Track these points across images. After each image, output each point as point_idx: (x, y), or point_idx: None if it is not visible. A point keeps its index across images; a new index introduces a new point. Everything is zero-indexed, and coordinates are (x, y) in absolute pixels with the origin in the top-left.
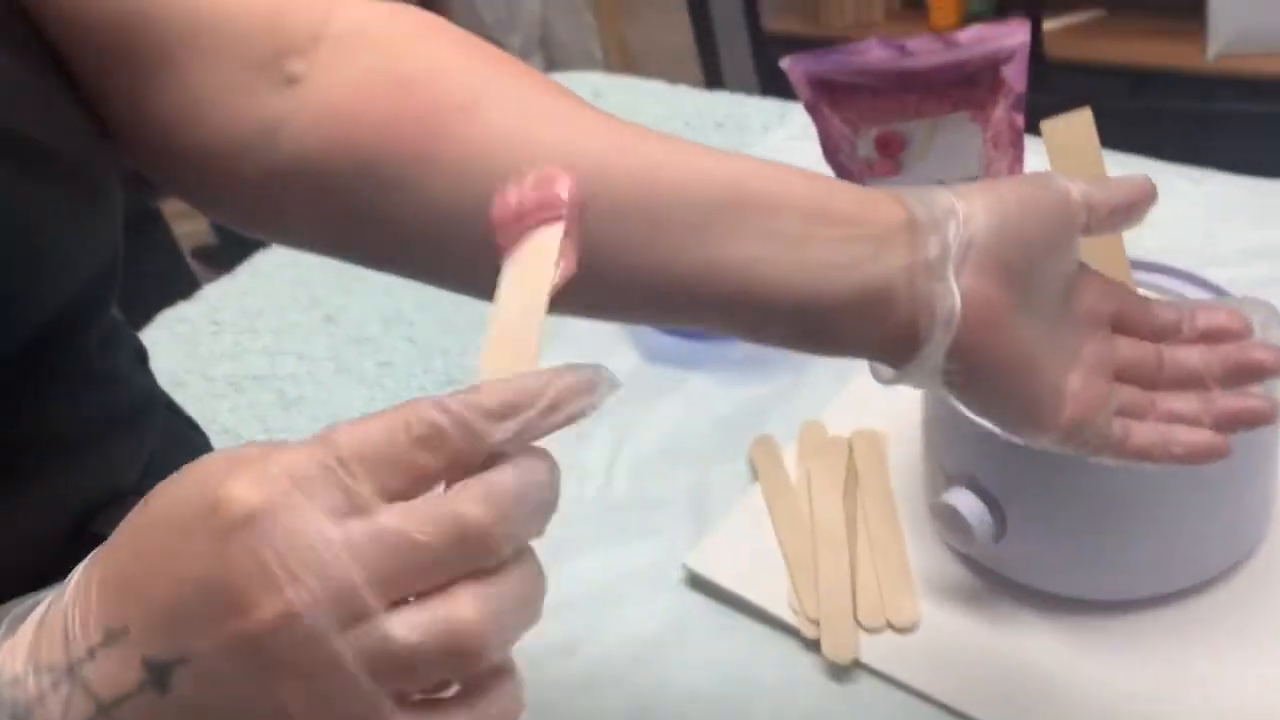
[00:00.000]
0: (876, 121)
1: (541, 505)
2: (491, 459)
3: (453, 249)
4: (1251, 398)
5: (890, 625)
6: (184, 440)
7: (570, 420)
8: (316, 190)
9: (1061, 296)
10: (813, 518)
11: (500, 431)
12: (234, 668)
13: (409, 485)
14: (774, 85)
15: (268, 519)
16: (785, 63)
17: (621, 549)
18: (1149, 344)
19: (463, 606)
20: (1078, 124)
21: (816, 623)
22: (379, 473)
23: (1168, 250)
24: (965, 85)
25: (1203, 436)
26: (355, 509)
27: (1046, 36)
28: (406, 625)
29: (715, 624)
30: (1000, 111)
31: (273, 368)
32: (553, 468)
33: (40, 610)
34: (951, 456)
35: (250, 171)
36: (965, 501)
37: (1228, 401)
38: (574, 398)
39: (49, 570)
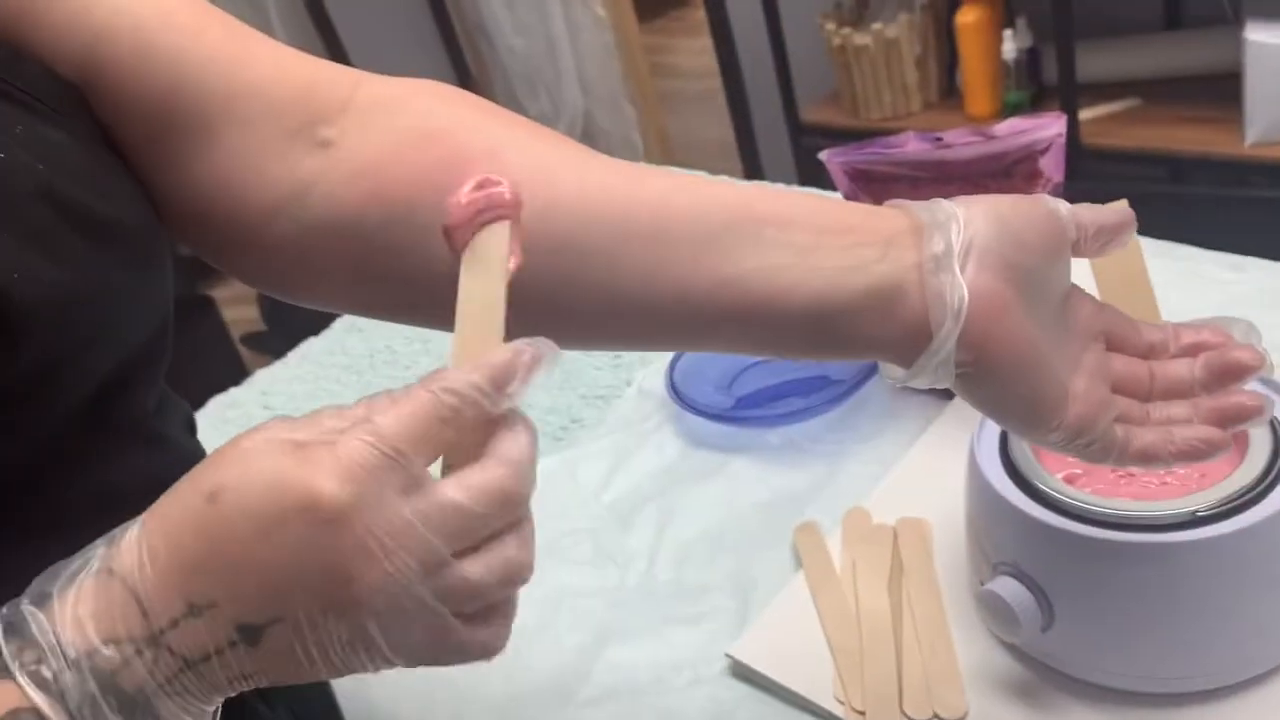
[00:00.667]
0: None
1: (535, 459)
2: (488, 424)
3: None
4: (1239, 393)
5: (937, 717)
6: None
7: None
8: (349, 244)
9: (1059, 307)
10: (858, 607)
11: (503, 402)
12: (333, 619)
13: (434, 455)
14: (812, 176)
15: (363, 510)
16: (824, 155)
17: (664, 637)
18: (1139, 362)
19: (511, 549)
20: (1128, 255)
21: (863, 714)
22: (421, 451)
23: None
24: (1002, 176)
25: (1201, 432)
26: (415, 486)
27: (1083, 125)
28: (479, 568)
29: (759, 714)
30: None
31: None
32: (530, 424)
33: (89, 586)
34: (996, 544)
35: (284, 231)
36: (1011, 590)
37: (1216, 401)
38: (538, 367)
39: None
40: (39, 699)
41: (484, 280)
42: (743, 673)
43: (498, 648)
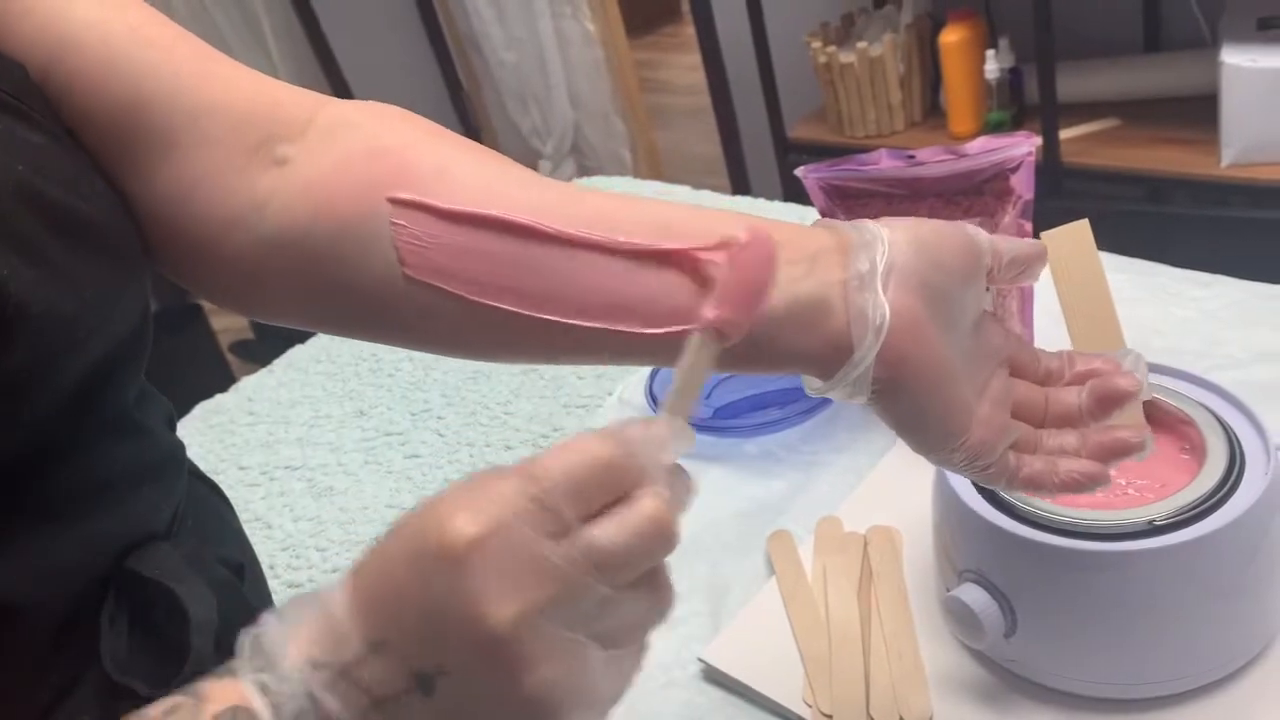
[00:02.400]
0: None
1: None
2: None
3: (434, 304)
4: (1122, 430)
5: None
6: (207, 501)
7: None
8: (301, 257)
9: (971, 331)
10: (828, 613)
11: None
12: (485, 671)
13: (593, 504)
14: (796, 192)
15: (489, 547)
16: (800, 171)
17: None
18: (1037, 388)
19: (651, 592)
20: (1076, 234)
21: (830, 717)
22: (576, 497)
23: (1176, 352)
24: (974, 193)
25: (1083, 465)
26: (561, 530)
27: (1063, 144)
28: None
29: (730, 717)
30: (1009, 218)
31: (304, 458)
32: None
33: (314, 613)
34: (961, 552)
35: (240, 244)
36: (975, 597)
37: (1101, 436)
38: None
39: (86, 604)
40: (259, 703)
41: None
42: (715, 677)
43: (635, 675)
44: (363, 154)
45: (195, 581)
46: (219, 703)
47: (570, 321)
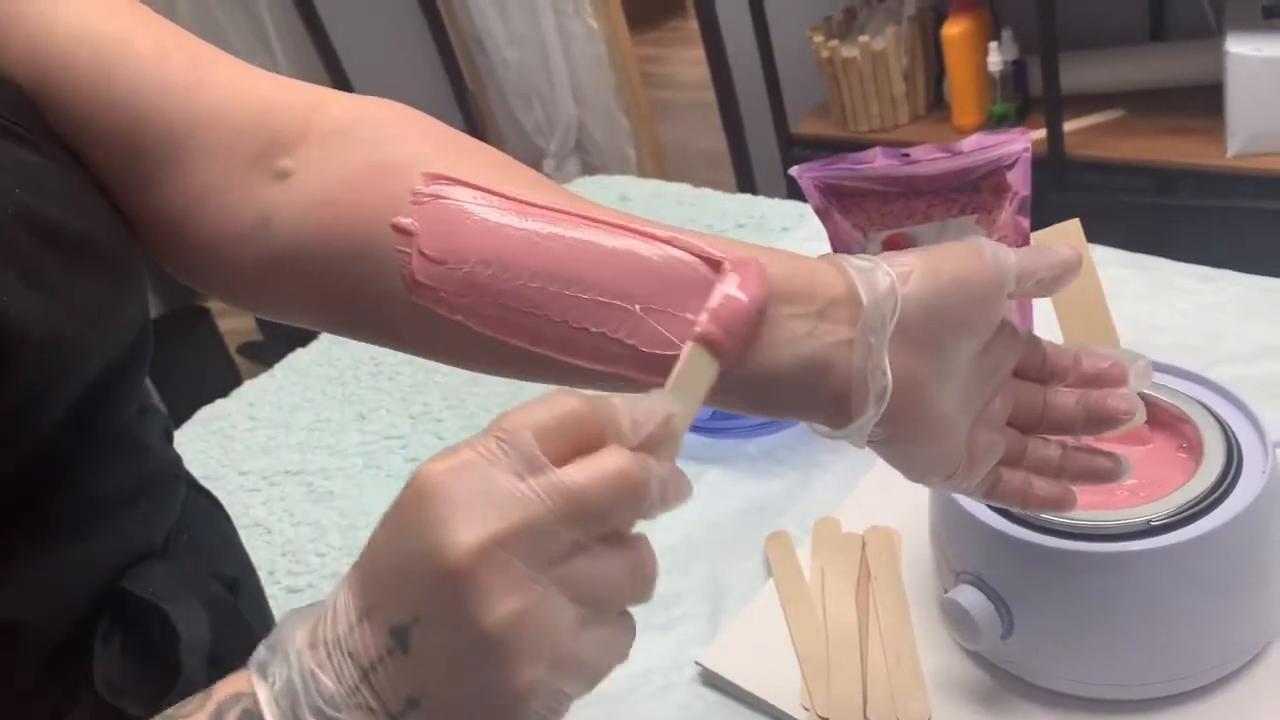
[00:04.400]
0: (885, 225)
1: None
2: None
3: (441, 326)
4: (1101, 457)
5: None
6: (207, 514)
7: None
8: (312, 274)
9: (982, 351)
10: (825, 615)
11: (636, 436)
12: (447, 607)
13: (563, 452)
14: (799, 187)
15: (452, 481)
16: (795, 171)
17: (637, 644)
18: (1038, 390)
19: (628, 556)
20: (1068, 233)
21: None
22: (547, 441)
23: (1178, 347)
24: (971, 190)
25: (1053, 490)
26: (533, 469)
27: (1067, 136)
28: (597, 563)
29: None
30: (1005, 215)
31: (304, 463)
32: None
33: (328, 601)
34: (958, 554)
35: (250, 258)
36: (972, 599)
37: (1081, 460)
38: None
39: (82, 622)
40: (259, 686)
41: (696, 364)
42: (712, 680)
43: (617, 654)
44: (367, 170)
45: (188, 600)
46: (224, 692)
47: (581, 327)
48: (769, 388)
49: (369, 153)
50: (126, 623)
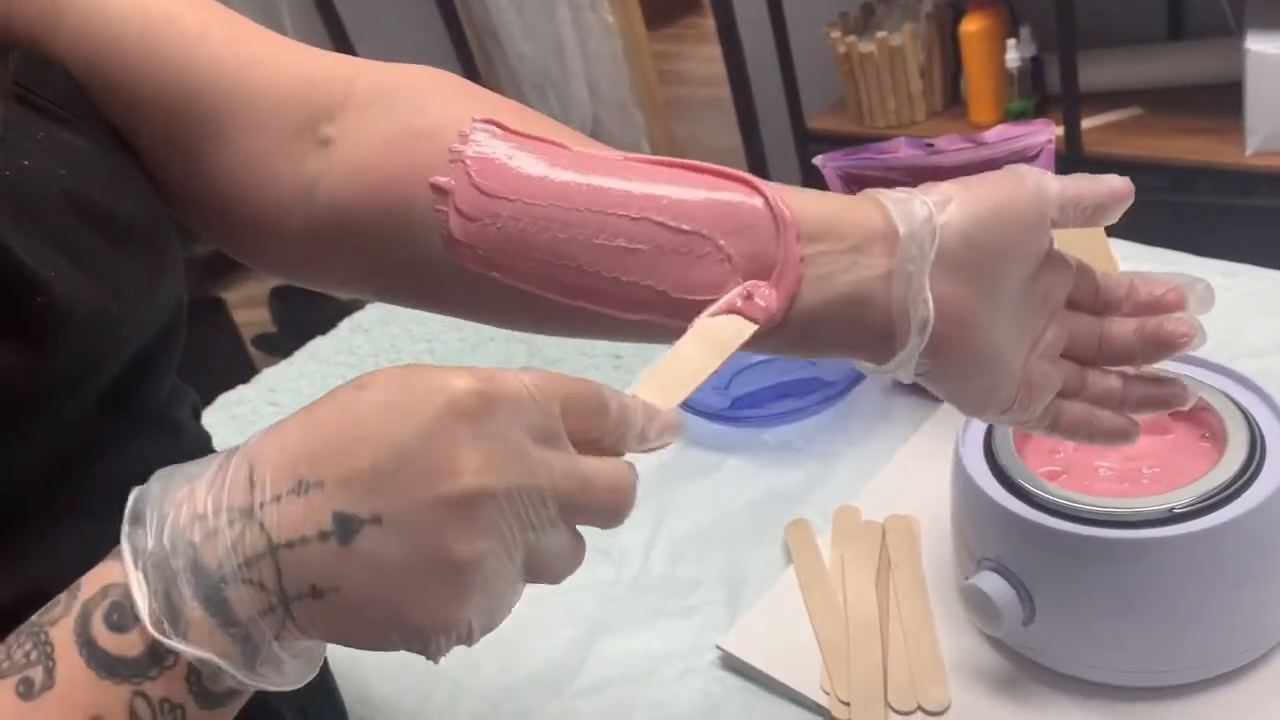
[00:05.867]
0: None
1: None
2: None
3: (486, 285)
4: (1165, 383)
5: (921, 709)
6: None
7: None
8: (356, 239)
9: (1030, 282)
10: (846, 601)
11: (640, 444)
12: (428, 527)
13: (571, 431)
14: (816, 183)
15: (491, 418)
16: (819, 160)
17: (656, 630)
18: (1093, 321)
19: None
20: (1089, 230)
21: (848, 705)
22: (566, 417)
23: None
24: None
25: (1118, 422)
26: (552, 438)
27: (1085, 134)
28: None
29: (748, 705)
30: None
31: None
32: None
33: (214, 466)
34: (979, 540)
35: (296, 227)
36: (993, 585)
37: (1144, 389)
38: (667, 438)
39: None
40: (132, 575)
41: (705, 350)
42: (732, 665)
43: (574, 565)
44: (405, 134)
45: None
46: (92, 585)
47: (628, 279)
48: (808, 328)
49: (407, 117)
50: None
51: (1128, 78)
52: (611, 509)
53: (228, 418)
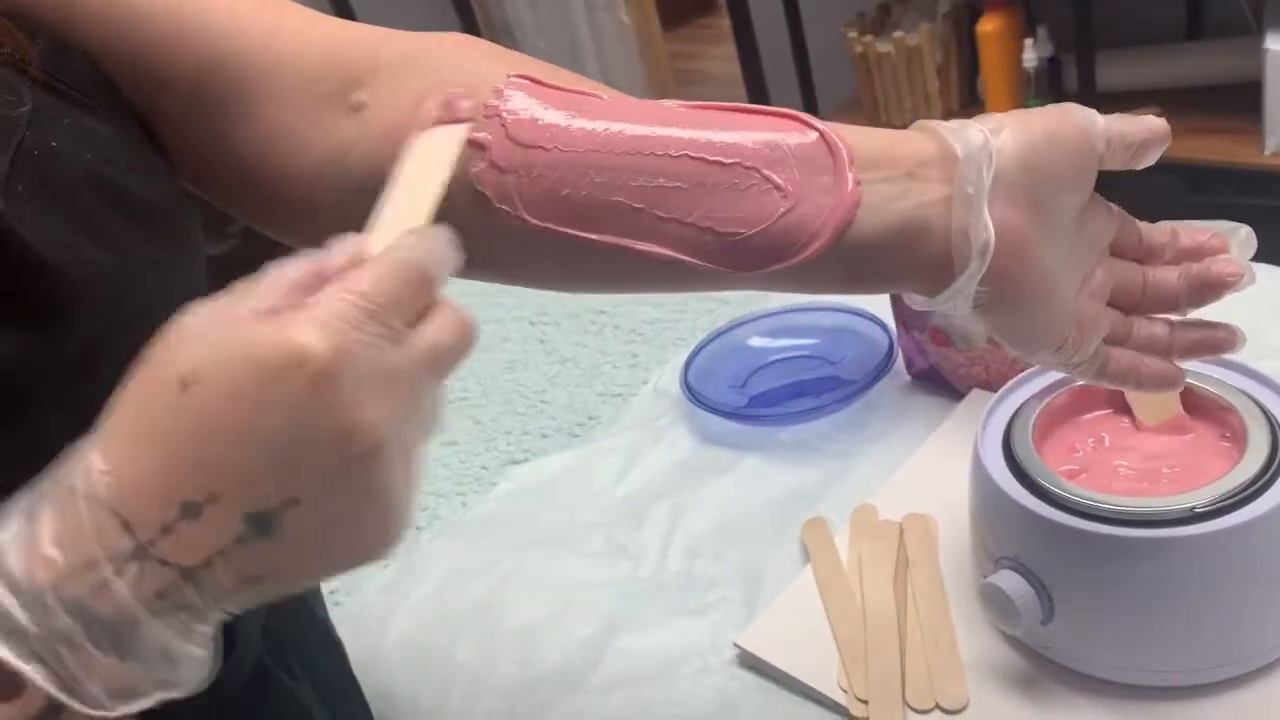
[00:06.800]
0: None
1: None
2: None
3: (521, 235)
4: (1215, 327)
5: (939, 707)
6: None
7: None
8: None
9: (1077, 223)
10: (863, 600)
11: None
12: (346, 488)
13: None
14: None
15: (351, 359)
16: None
17: (674, 628)
18: (1137, 268)
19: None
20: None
21: (865, 703)
22: (399, 310)
23: None
24: None
25: (1163, 368)
26: (398, 337)
27: None
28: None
29: (765, 702)
30: None
31: None
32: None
33: (48, 514)
34: (998, 538)
35: (328, 194)
36: (1012, 584)
37: (1191, 334)
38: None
39: None
40: (24, 667)
41: (428, 165)
42: (750, 662)
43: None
44: (437, 95)
45: None
46: None
47: (686, 221)
48: (863, 257)
49: (438, 77)
50: None
51: (1145, 78)
52: (467, 350)
53: None
